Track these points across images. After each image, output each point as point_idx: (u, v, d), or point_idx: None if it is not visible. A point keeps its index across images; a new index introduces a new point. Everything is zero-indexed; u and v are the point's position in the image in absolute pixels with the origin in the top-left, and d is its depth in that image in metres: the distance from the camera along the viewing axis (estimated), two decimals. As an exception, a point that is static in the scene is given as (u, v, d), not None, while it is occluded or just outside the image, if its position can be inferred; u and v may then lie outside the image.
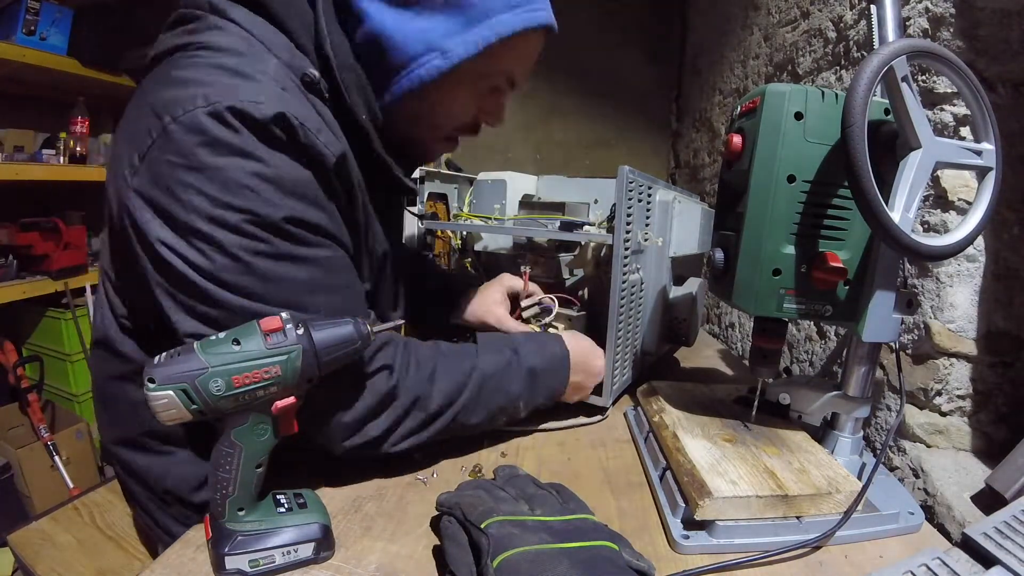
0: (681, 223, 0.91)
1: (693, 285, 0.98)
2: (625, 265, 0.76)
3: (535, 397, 0.69)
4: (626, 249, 0.76)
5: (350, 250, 0.56)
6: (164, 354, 0.43)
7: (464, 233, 1.05)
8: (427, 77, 0.54)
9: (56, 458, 1.72)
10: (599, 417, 0.79)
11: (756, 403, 0.66)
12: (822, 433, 0.64)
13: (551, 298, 0.86)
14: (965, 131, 0.62)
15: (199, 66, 0.48)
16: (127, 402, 0.60)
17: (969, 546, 0.47)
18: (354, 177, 0.55)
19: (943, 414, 0.66)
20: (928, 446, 0.66)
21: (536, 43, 0.62)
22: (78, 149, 1.92)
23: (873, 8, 0.56)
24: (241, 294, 0.47)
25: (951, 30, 0.62)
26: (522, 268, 0.91)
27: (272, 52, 0.51)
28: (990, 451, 0.65)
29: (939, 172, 0.62)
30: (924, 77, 0.65)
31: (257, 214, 0.46)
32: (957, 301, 0.64)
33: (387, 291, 0.71)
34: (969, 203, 0.59)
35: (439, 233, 1.03)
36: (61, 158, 1.87)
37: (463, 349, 0.66)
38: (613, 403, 0.82)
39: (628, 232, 0.76)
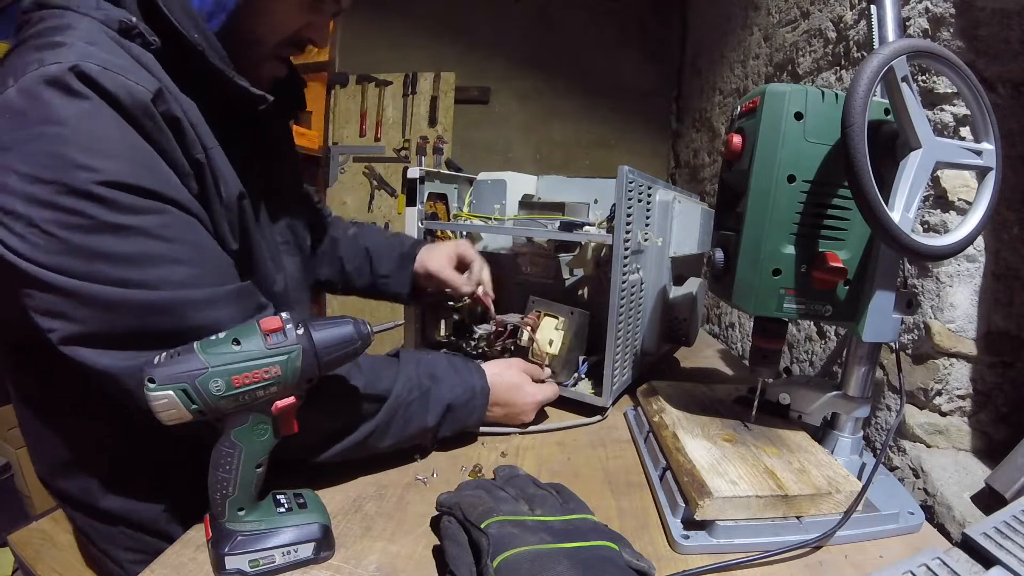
0: (681, 223, 0.91)
1: (693, 285, 0.98)
2: (625, 265, 0.76)
3: (447, 428, 0.67)
4: (626, 249, 0.76)
5: (193, 209, 0.50)
6: (164, 354, 0.43)
7: (464, 233, 1.05)
8: None
9: (56, 458, 1.71)
10: (599, 417, 0.79)
11: (756, 403, 0.66)
12: (822, 433, 0.64)
13: (520, 318, 0.84)
14: (965, 131, 0.62)
15: (13, 58, 0.46)
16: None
17: (969, 546, 0.47)
18: (181, 116, 0.49)
19: (943, 414, 0.66)
20: (928, 446, 0.66)
21: None
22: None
23: (873, 8, 0.56)
24: (68, 275, 0.43)
25: (951, 30, 0.62)
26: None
27: (82, 13, 0.48)
28: (990, 451, 0.65)
29: (939, 172, 0.62)
30: (924, 77, 0.65)
31: (66, 184, 0.42)
32: (957, 301, 0.64)
33: (264, 247, 0.63)
34: (969, 203, 0.59)
35: (439, 233, 1.03)
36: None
37: (383, 367, 0.62)
38: (613, 403, 0.82)
39: (628, 232, 0.76)
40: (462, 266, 0.89)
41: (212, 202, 0.53)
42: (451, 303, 0.95)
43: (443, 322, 0.97)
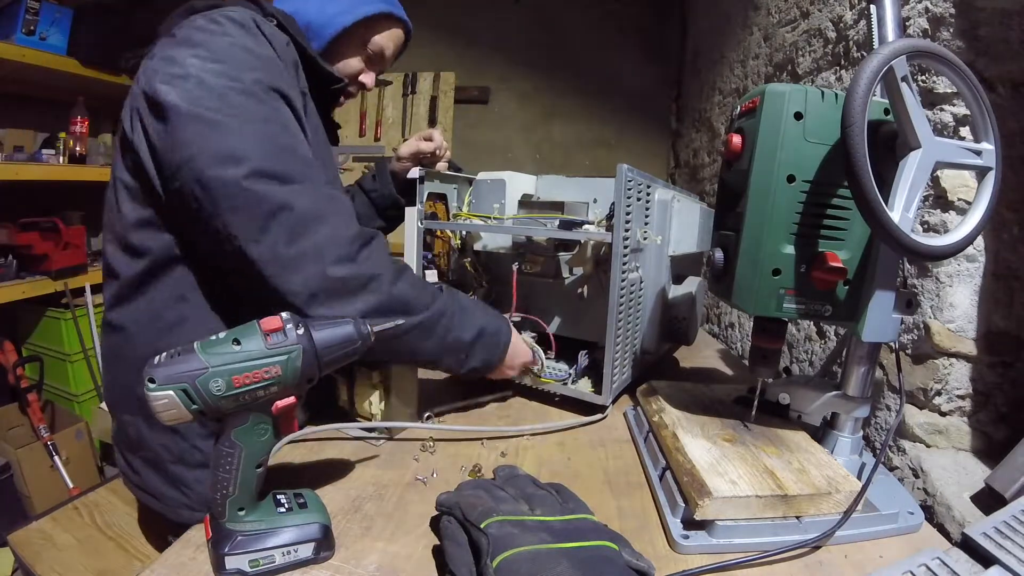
0: (680, 222, 0.91)
1: (692, 284, 0.98)
2: (624, 263, 0.76)
3: (476, 355, 0.73)
4: (625, 247, 0.76)
5: (303, 123, 0.69)
6: (164, 354, 0.43)
7: (464, 233, 1.05)
8: (329, 36, 0.83)
9: (56, 458, 1.72)
10: (599, 416, 0.79)
11: (756, 403, 0.66)
12: (822, 433, 0.64)
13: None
14: (965, 131, 0.62)
15: (189, 15, 0.68)
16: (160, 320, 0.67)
17: (969, 546, 0.47)
18: (298, 62, 0.74)
19: (943, 414, 0.66)
20: (928, 446, 0.66)
21: (398, 33, 0.91)
22: (77, 149, 1.92)
23: (873, 8, 0.56)
24: (215, 111, 0.58)
25: (951, 30, 0.62)
26: (514, 266, 0.91)
27: (242, 6, 0.72)
28: (990, 451, 0.65)
29: (939, 172, 0.62)
30: (924, 77, 0.65)
31: (236, 65, 0.62)
32: (957, 301, 0.64)
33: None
34: (969, 203, 0.59)
35: (439, 233, 1.03)
36: (61, 158, 1.87)
37: (427, 285, 0.71)
38: (613, 402, 0.82)
39: (627, 230, 0.76)
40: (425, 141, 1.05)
41: (303, 125, 0.70)
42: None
43: None
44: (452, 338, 0.69)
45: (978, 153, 0.51)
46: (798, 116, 0.53)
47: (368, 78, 0.91)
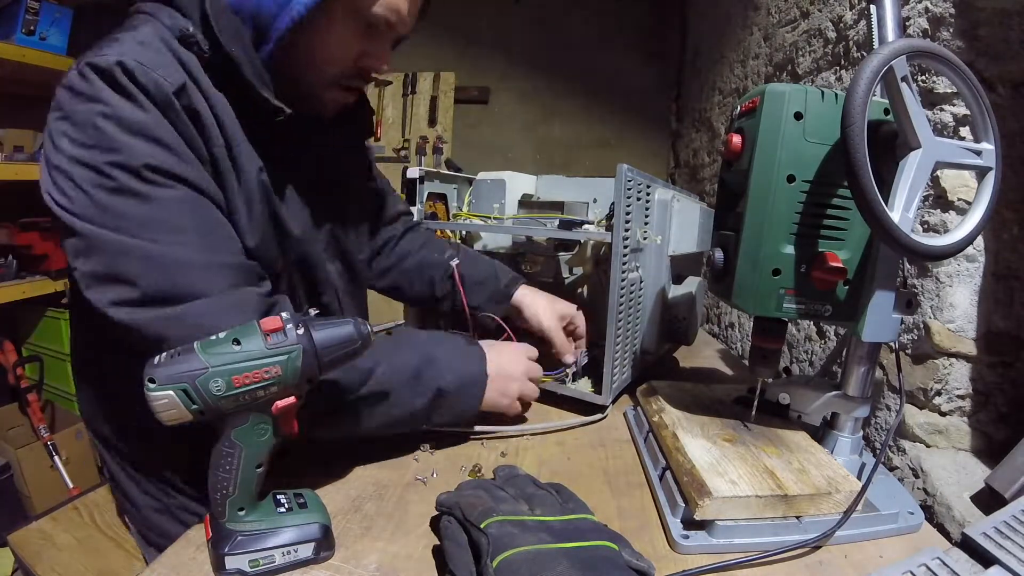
0: (680, 222, 0.91)
1: (692, 284, 0.98)
2: (624, 263, 0.76)
3: (441, 414, 0.66)
4: (625, 247, 0.76)
5: (208, 191, 0.55)
6: (164, 354, 0.43)
7: (464, 233, 1.06)
8: (298, 14, 0.56)
9: (56, 458, 1.72)
10: (599, 416, 0.79)
11: (756, 403, 0.66)
12: (822, 433, 0.64)
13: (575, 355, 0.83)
14: (965, 131, 0.62)
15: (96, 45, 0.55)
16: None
17: (969, 546, 0.47)
18: (203, 110, 0.56)
19: (943, 414, 0.66)
20: (928, 446, 0.66)
21: None
22: (78, 149, 1.91)
23: (873, 8, 0.56)
24: (87, 222, 0.50)
25: (951, 30, 0.62)
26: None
27: (157, 19, 0.58)
28: (990, 451, 0.65)
29: (939, 172, 0.62)
30: (924, 77, 0.65)
31: (104, 149, 0.50)
32: (957, 301, 0.64)
33: (296, 243, 0.66)
34: (969, 203, 0.59)
35: (438, 233, 1.03)
36: (61, 158, 1.86)
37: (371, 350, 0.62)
38: (613, 402, 0.82)
39: (627, 230, 0.76)
40: (568, 328, 0.87)
41: (229, 191, 0.58)
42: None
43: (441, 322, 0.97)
44: (399, 413, 0.62)
45: (978, 153, 0.51)
46: (798, 116, 0.53)
47: (373, 60, 0.63)
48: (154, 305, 0.50)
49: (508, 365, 0.72)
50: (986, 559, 0.45)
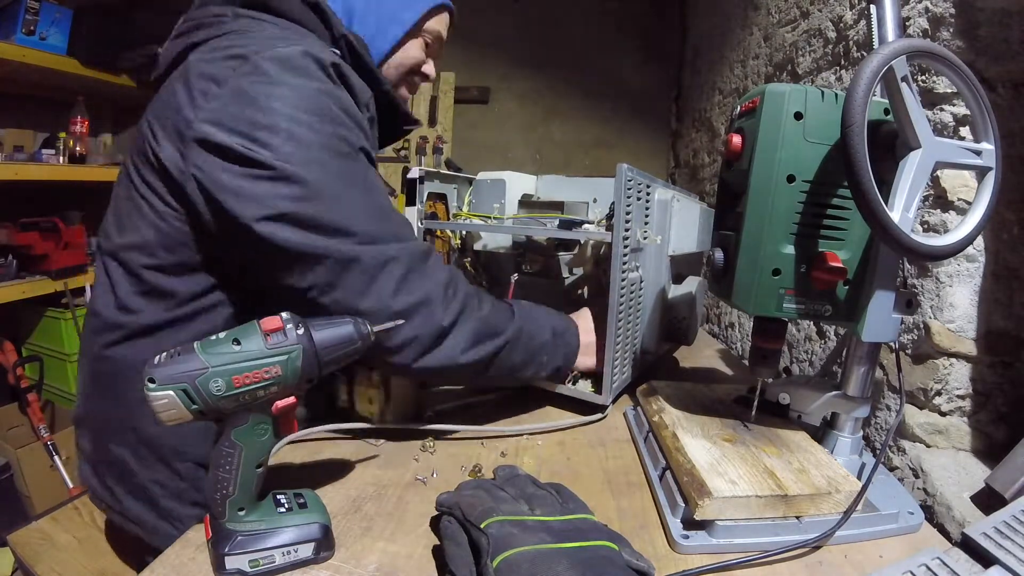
0: (680, 221, 0.91)
1: (692, 284, 0.98)
2: (624, 263, 0.76)
3: (556, 353, 0.76)
4: (625, 247, 0.76)
5: (373, 160, 0.67)
6: (164, 354, 0.43)
7: (463, 233, 1.05)
8: (401, 33, 0.80)
9: (56, 458, 1.72)
10: (599, 416, 0.79)
11: (756, 403, 0.66)
12: (822, 433, 0.64)
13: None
14: (965, 131, 0.62)
15: (255, 38, 0.63)
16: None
17: (969, 546, 0.47)
18: (375, 120, 0.72)
19: (943, 414, 0.66)
20: (928, 446, 0.66)
21: (445, 16, 0.89)
22: (77, 149, 1.92)
23: (873, 8, 0.56)
24: (299, 166, 0.56)
25: (951, 30, 0.62)
26: (513, 278, 0.91)
27: (304, 35, 0.69)
28: (990, 451, 0.65)
29: (939, 172, 0.62)
30: (924, 77, 0.65)
31: (322, 118, 0.58)
32: (957, 301, 0.64)
33: None
34: (969, 203, 0.59)
35: (439, 233, 1.03)
36: (60, 158, 1.87)
37: (502, 301, 0.73)
38: (613, 402, 0.82)
39: (627, 230, 0.76)
40: None
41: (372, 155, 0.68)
42: None
43: None
44: (535, 344, 0.72)
45: (978, 153, 0.51)
46: (798, 116, 0.53)
47: (430, 68, 0.87)
48: (370, 245, 0.58)
49: (584, 319, 0.83)
50: (986, 559, 0.45)
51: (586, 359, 0.81)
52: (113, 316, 0.64)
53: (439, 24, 0.86)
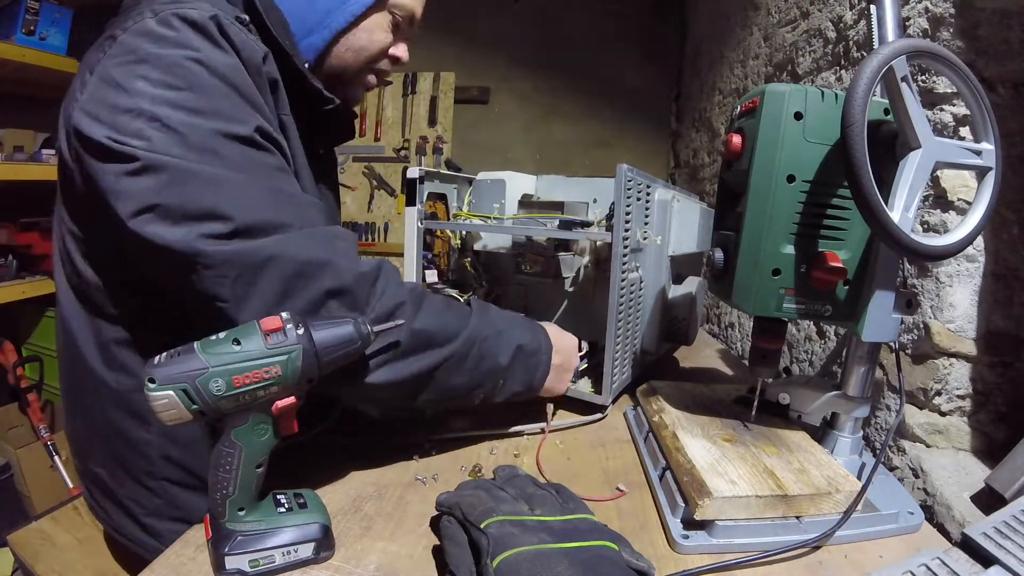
0: (680, 222, 0.91)
1: (692, 284, 0.98)
2: (624, 263, 0.76)
3: (515, 377, 0.67)
4: (625, 247, 0.76)
5: (284, 151, 0.59)
6: (164, 354, 0.43)
7: (463, 233, 1.05)
8: (359, 9, 0.67)
9: (56, 458, 1.71)
10: (599, 416, 0.79)
11: (756, 403, 0.66)
12: (822, 433, 0.64)
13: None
14: (965, 131, 0.62)
15: (138, 10, 0.54)
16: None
17: (969, 546, 0.47)
18: (279, 79, 0.61)
19: (943, 414, 0.66)
20: (928, 446, 0.66)
21: None
22: (78, 149, 1.91)
23: (873, 8, 0.56)
24: (178, 158, 0.49)
25: (951, 30, 0.62)
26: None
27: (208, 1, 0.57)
28: (990, 451, 0.65)
29: (939, 172, 0.62)
30: (924, 77, 0.65)
31: (192, 92, 0.50)
32: (957, 301, 0.64)
33: None
34: (969, 203, 0.59)
35: (438, 233, 1.03)
36: (61, 158, 1.86)
37: (457, 307, 0.65)
38: (613, 402, 0.82)
39: (627, 230, 0.76)
40: None
41: (287, 158, 0.61)
42: None
43: None
44: (486, 367, 0.63)
45: (978, 153, 0.51)
46: (798, 116, 0.53)
47: (401, 50, 0.75)
48: (250, 236, 0.50)
49: (566, 339, 0.76)
50: (986, 559, 0.45)
51: (556, 384, 0.73)
52: (74, 331, 0.61)
53: (413, 1, 0.72)
